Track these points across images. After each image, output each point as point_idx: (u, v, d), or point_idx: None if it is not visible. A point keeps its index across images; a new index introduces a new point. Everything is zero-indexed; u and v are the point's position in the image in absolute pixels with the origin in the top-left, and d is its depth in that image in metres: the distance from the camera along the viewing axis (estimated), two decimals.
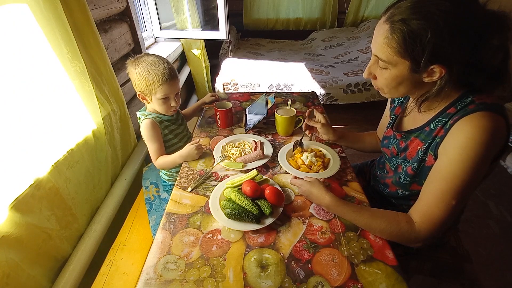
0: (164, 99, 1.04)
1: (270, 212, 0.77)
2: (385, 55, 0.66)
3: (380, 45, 0.65)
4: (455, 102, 0.68)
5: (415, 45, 0.60)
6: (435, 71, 0.63)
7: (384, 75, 0.70)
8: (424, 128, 0.75)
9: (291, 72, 2.69)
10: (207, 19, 2.59)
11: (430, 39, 0.58)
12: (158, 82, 1.00)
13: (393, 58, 0.65)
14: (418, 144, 0.77)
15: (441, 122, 0.70)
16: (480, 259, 1.49)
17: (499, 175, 2.04)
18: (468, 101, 0.66)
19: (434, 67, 0.62)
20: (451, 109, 0.68)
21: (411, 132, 0.80)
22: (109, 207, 1.12)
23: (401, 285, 0.62)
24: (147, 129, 1.06)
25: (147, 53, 1.07)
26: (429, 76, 0.64)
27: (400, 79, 0.68)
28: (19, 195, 0.73)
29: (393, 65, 0.66)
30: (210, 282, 0.64)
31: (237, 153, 1.04)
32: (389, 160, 0.93)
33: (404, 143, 0.83)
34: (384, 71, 0.69)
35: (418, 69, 0.63)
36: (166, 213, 0.82)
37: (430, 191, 0.69)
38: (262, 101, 1.27)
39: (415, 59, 0.62)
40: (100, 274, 0.93)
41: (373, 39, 0.68)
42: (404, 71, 0.66)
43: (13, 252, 0.71)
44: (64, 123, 0.93)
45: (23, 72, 0.79)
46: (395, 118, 0.91)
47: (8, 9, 0.74)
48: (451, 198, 0.65)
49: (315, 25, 3.76)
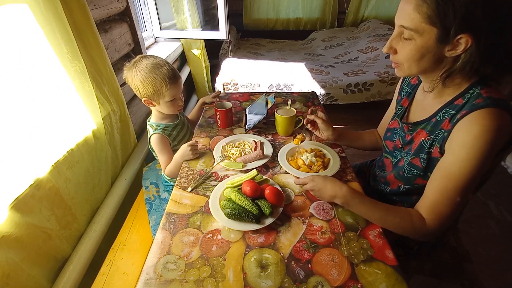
0: (172, 101, 1.06)
1: (270, 212, 0.77)
2: (413, 23, 0.64)
3: (408, 13, 0.65)
4: (463, 93, 0.69)
5: (447, 10, 0.59)
6: (460, 42, 0.62)
7: (408, 47, 0.68)
8: (431, 119, 0.76)
9: (291, 72, 2.69)
10: (207, 19, 2.59)
11: (462, 3, 0.57)
12: (166, 86, 1.01)
13: (421, 25, 0.64)
14: (423, 135, 0.77)
15: (448, 113, 0.71)
16: (480, 259, 1.49)
17: (499, 175, 2.04)
18: (475, 93, 0.67)
19: (461, 37, 0.61)
20: (459, 100, 0.69)
21: (417, 124, 0.80)
22: (109, 207, 1.12)
23: (401, 285, 0.63)
24: (156, 143, 1.11)
25: (143, 56, 1.06)
26: (453, 49, 0.64)
27: (424, 50, 0.66)
28: (19, 195, 0.73)
29: (420, 33, 0.65)
30: (210, 282, 0.64)
31: (237, 153, 1.04)
32: (391, 154, 0.93)
33: (410, 136, 0.83)
34: (409, 42, 0.68)
35: (447, 38, 0.62)
36: (166, 213, 0.82)
37: (436, 188, 0.70)
38: (262, 101, 1.27)
39: (445, 26, 0.61)
40: (100, 274, 0.93)
41: (399, 10, 0.68)
42: (430, 41, 0.64)
43: (13, 252, 0.71)
44: (64, 123, 0.93)
45: (23, 72, 0.79)
46: (402, 110, 0.90)
47: (8, 9, 0.74)
48: (456, 195, 0.67)
49: (315, 25, 3.76)
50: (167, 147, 1.13)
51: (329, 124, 1.02)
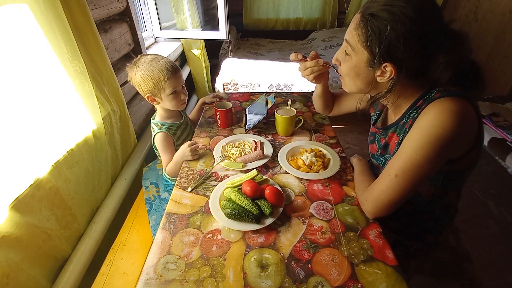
0: (174, 94, 1.06)
1: (270, 212, 0.77)
2: (352, 40, 0.70)
3: (350, 30, 0.70)
4: (422, 96, 0.72)
5: (373, 38, 0.64)
6: (387, 70, 0.67)
7: (347, 62, 0.74)
8: (399, 122, 0.78)
9: (291, 72, 2.68)
10: (207, 19, 2.59)
11: (387, 35, 0.62)
12: (164, 78, 1.02)
13: (357, 45, 0.69)
14: (395, 139, 0.80)
15: (412, 114, 0.73)
16: (480, 259, 1.49)
17: (499, 175, 2.04)
18: (434, 92, 0.69)
19: (387, 65, 0.66)
20: (420, 102, 0.72)
21: (388, 128, 0.83)
22: (109, 207, 1.12)
23: (401, 285, 0.62)
24: (161, 142, 1.11)
25: (143, 54, 1.08)
26: (381, 75, 0.69)
27: (357, 69, 0.72)
28: (19, 195, 0.73)
29: (355, 52, 0.70)
30: (210, 282, 0.64)
31: (237, 153, 1.04)
32: (373, 157, 0.96)
33: (384, 140, 0.85)
34: (348, 58, 0.73)
35: (373, 63, 0.67)
36: (166, 213, 0.82)
37: (383, 172, 0.75)
38: (262, 101, 1.27)
39: (372, 51, 0.66)
40: (100, 274, 0.93)
41: (349, 26, 0.73)
42: (361, 62, 0.70)
43: (13, 252, 0.71)
44: (64, 123, 0.93)
45: (23, 72, 0.79)
46: (378, 114, 0.94)
47: (8, 9, 0.74)
48: (393, 172, 0.70)
49: (315, 25, 3.75)
50: (171, 146, 1.14)
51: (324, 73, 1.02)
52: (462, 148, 0.69)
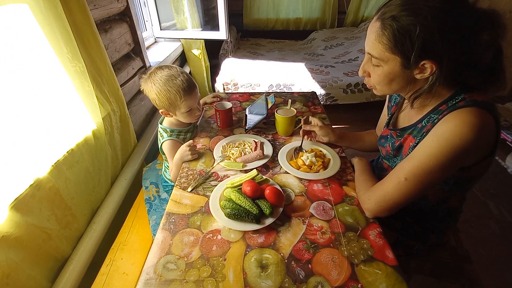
0: (189, 111, 1.06)
1: (270, 212, 0.77)
2: (377, 52, 0.67)
3: (372, 42, 0.67)
4: (447, 100, 0.69)
5: (404, 41, 0.61)
6: (426, 67, 0.63)
7: (377, 72, 0.71)
8: (417, 124, 0.76)
9: (291, 72, 2.69)
10: (207, 19, 2.59)
11: (419, 34, 0.59)
12: (181, 99, 1.01)
13: (384, 54, 0.66)
14: (411, 140, 0.78)
15: (432, 118, 0.71)
16: (480, 259, 1.49)
17: (499, 175, 2.04)
18: (459, 98, 0.67)
19: (425, 63, 0.62)
20: (443, 106, 0.69)
21: (405, 130, 0.81)
22: (109, 207, 1.12)
23: (401, 285, 0.62)
24: (169, 149, 1.10)
25: (159, 67, 1.05)
26: (420, 73, 0.65)
27: (392, 75, 0.69)
28: (19, 195, 0.73)
29: (385, 61, 0.67)
30: (210, 282, 0.64)
31: (237, 153, 1.04)
32: (385, 158, 0.94)
33: (399, 141, 0.83)
34: (377, 68, 0.70)
35: (409, 65, 0.64)
36: (166, 213, 0.82)
37: (392, 171, 0.73)
38: (262, 101, 1.27)
39: (405, 54, 0.63)
40: (100, 274, 0.93)
41: (366, 38, 0.70)
42: (395, 67, 0.67)
43: (13, 252, 0.71)
44: (64, 123, 0.93)
45: (23, 72, 0.79)
46: (391, 116, 0.92)
47: (8, 9, 0.74)
48: (403, 175, 0.69)
49: (315, 25, 3.76)
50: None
51: (327, 128, 1.03)
52: (476, 157, 0.68)
